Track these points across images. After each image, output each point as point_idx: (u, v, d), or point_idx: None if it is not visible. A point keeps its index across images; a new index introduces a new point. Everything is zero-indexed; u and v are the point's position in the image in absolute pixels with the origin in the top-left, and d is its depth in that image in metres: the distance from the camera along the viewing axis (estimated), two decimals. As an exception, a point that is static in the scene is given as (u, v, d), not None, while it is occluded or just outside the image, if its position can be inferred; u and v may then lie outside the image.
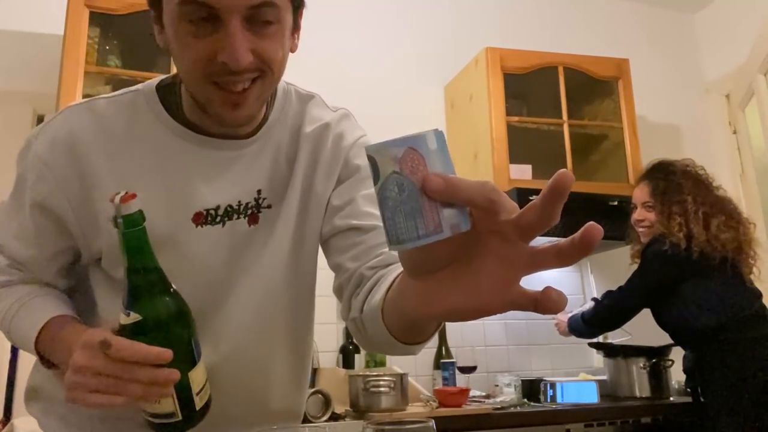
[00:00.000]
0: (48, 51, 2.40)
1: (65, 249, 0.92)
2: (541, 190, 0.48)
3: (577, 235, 0.49)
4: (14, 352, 2.19)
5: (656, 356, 2.49)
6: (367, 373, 2.20)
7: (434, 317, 0.57)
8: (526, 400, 2.40)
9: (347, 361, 2.46)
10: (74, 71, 2.12)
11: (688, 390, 2.33)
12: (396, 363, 2.52)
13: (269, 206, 0.93)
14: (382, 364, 2.51)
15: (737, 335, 2.08)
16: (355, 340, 0.98)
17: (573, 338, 2.57)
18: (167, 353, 0.71)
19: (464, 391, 2.24)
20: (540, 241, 0.50)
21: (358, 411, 2.06)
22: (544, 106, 2.91)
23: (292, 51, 0.88)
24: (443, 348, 2.64)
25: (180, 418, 0.77)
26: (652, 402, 2.42)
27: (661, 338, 2.39)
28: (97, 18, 2.24)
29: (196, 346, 0.78)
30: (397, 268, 0.74)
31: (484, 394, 2.53)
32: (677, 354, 2.45)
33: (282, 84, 0.95)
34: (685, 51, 3.68)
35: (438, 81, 3.08)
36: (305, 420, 1.88)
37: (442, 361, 2.55)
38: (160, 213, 0.85)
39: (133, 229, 0.72)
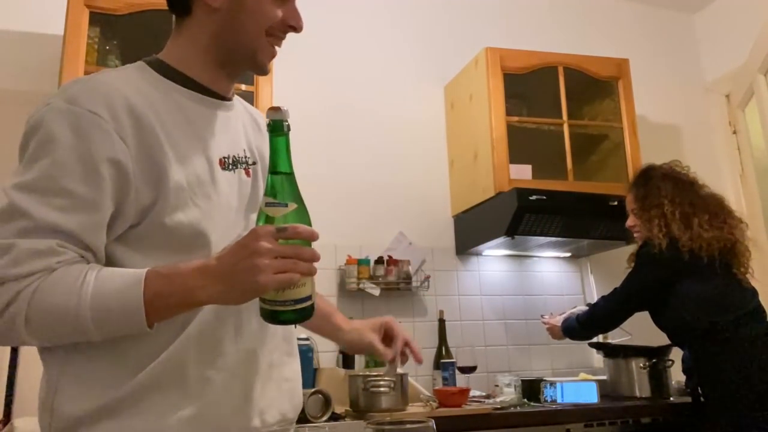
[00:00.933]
0: (48, 51, 2.40)
1: (113, 216, 0.90)
2: (541, 190, 0.55)
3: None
4: (14, 352, 2.19)
5: (656, 356, 2.49)
6: (367, 373, 2.20)
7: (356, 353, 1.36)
8: (526, 400, 2.40)
9: (347, 361, 2.46)
10: (74, 71, 2.12)
11: (689, 390, 2.33)
12: (396, 363, 2.52)
13: (254, 162, 1.10)
14: (382, 364, 2.50)
15: (734, 334, 2.07)
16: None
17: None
18: (317, 232, 0.87)
19: (464, 391, 2.24)
20: (540, 241, 0.52)
21: (358, 411, 2.06)
22: (544, 106, 2.91)
23: None
24: (443, 348, 2.64)
25: (312, 301, 0.89)
26: (652, 402, 2.42)
27: (661, 338, 2.39)
28: (97, 18, 2.23)
29: None
30: None
31: (484, 394, 2.53)
32: (677, 354, 2.45)
33: None
34: (685, 51, 3.68)
35: (438, 81, 3.09)
36: (305, 420, 1.89)
37: (442, 361, 2.55)
38: (200, 158, 0.98)
39: (289, 132, 0.87)
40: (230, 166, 1.03)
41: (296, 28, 1.06)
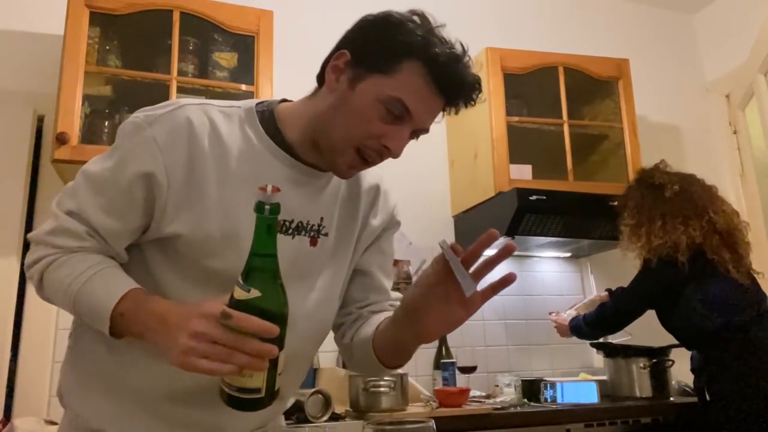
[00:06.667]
0: (48, 51, 2.39)
1: (141, 227, 0.99)
2: (541, 190, 0.56)
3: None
4: (14, 352, 2.19)
5: (656, 356, 2.49)
6: (367, 373, 2.20)
7: (431, 338, 0.94)
8: (526, 400, 2.40)
9: (347, 361, 2.45)
10: (74, 71, 2.12)
11: (695, 390, 2.33)
12: (396, 363, 2.52)
13: (326, 234, 1.08)
14: (382, 364, 2.51)
15: (746, 335, 2.08)
16: (343, 360, 1.21)
17: (573, 338, 2.57)
18: (276, 328, 0.79)
19: (464, 391, 2.24)
20: (540, 241, 0.52)
21: (358, 411, 2.06)
22: (544, 106, 2.91)
23: None
24: (443, 348, 2.64)
25: (262, 395, 0.83)
26: (653, 402, 2.42)
27: (662, 338, 2.39)
28: (97, 18, 2.23)
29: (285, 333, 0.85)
30: (381, 316, 1.11)
31: (484, 394, 2.53)
32: (677, 354, 2.45)
33: None
34: (685, 51, 3.68)
35: (438, 81, 3.08)
36: (305, 420, 1.89)
37: (442, 361, 2.55)
38: (250, 216, 0.93)
39: (274, 216, 0.81)
40: (289, 231, 1.02)
41: (390, 151, 0.98)
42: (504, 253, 0.87)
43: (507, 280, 0.87)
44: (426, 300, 0.90)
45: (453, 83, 0.98)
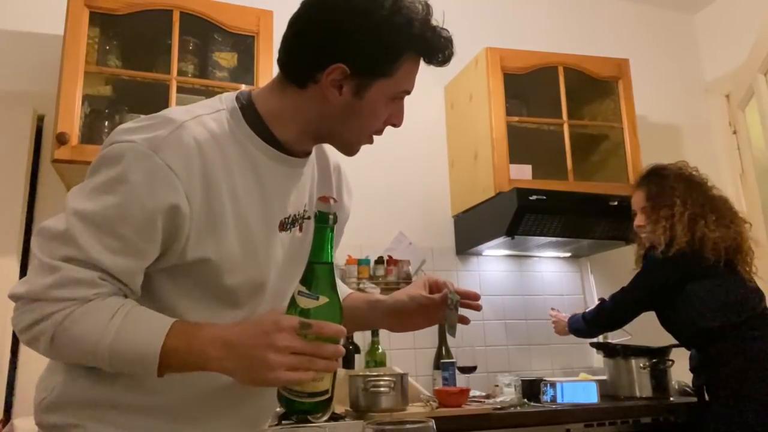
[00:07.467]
0: (48, 51, 2.40)
1: (152, 260, 0.94)
2: (541, 190, 0.57)
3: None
4: (14, 352, 2.19)
5: (656, 356, 2.49)
6: (367, 373, 2.20)
7: (395, 331, 1.22)
8: (526, 400, 2.40)
9: (347, 361, 2.46)
10: (74, 71, 2.12)
11: (694, 389, 2.33)
12: (396, 363, 2.52)
13: (309, 217, 1.11)
14: (382, 364, 2.51)
15: (745, 334, 2.08)
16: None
17: (573, 338, 2.57)
18: (344, 329, 0.86)
19: (464, 391, 2.24)
20: (540, 241, 0.52)
21: (358, 411, 2.06)
22: (544, 106, 2.91)
23: None
24: (443, 348, 2.64)
25: (330, 395, 0.89)
26: (652, 402, 2.42)
27: (662, 338, 2.39)
28: (97, 18, 2.23)
29: None
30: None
31: (484, 394, 2.53)
32: (677, 354, 2.45)
33: None
34: (685, 51, 3.68)
35: (438, 81, 3.09)
36: (305, 420, 1.89)
37: (442, 361, 2.55)
38: (259, 221, 1.00)
39: (334, 225, 0.88)
40: (288, 227, 1.06)
41: (395, 125, 1.07)
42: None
43: (463, 321, 1.13)
44: (413, 312, 1.15)
45: (440, 57, 1.08)
